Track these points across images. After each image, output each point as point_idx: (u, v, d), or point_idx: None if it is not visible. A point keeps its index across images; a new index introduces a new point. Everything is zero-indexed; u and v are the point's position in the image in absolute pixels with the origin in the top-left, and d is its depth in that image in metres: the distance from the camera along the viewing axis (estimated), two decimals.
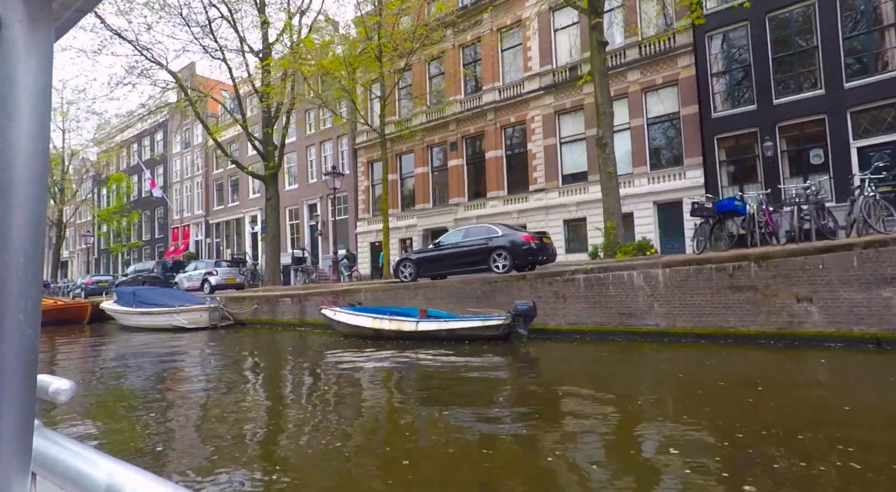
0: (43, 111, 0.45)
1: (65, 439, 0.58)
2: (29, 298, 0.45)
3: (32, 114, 0.44)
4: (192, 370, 8.99)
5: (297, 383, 7.63)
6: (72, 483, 0.53)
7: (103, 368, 9.63)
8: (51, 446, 0.57)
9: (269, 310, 14.94)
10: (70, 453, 0.55)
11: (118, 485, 0.48)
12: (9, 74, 0.43)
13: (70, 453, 0.55)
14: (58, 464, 0.55)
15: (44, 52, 0.45)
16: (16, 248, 0.43)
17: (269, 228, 18.15)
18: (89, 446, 0.57)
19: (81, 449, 0.56)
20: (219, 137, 34.16)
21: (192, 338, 13.78)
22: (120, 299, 15.78)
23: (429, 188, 22.90)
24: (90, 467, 0.52)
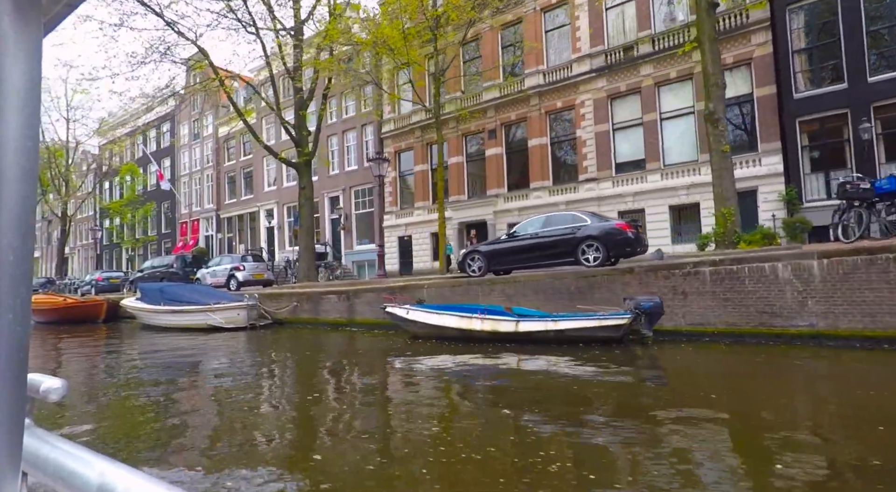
0: (32, 108, 0.44)
1: (56, 438, 0.56)
2: (18, 295, 0.44)
3: (21, 110, 0.43)
4: (241, 381, 7.66)
5: (377, 401, 6.27)
6: (63, 483, 0.51)
7: (133, 377, 8.30)
8: (42, 445, 0.55)
9: (312, 308, 13.63)
10: (61, 453, 0.53)
11: (110, 484, 0.47)
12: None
13: (61, 452, 0.53)
14: (49, 463, 0.53)
15: (32, 48, 0.44)
16: (4, 245, 0.43)
17: (303, 220, 16.82)
18: (81, 446, 0.55)
19: (73, 448, 0.54)
20: (231, 127, 32.77)
21: (230, 339, 12.45)
22: (145, 297, 14.42)
23: (464, 179, 21.60)
24: (82, 466, 0.51)
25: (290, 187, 28.66)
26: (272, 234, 29.58)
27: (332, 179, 26.59)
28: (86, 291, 24.81)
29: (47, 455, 0.54)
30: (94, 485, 0.48)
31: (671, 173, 15.98)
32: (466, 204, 21.08)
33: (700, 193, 15.27)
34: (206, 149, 35.26)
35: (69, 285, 28.14)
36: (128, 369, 8.98)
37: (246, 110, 31.55)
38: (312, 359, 9.20)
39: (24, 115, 0.44)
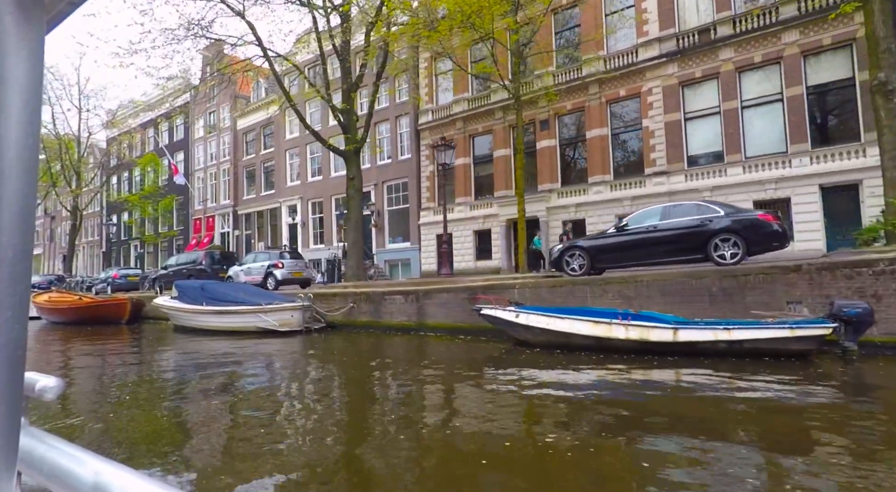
0: (33, 105, 0.44)
1: (51, 437, 0.56)
2: (17, 293, 0.44)
3: (23, 108, 0.43)
4: (321, 405, 6.25)
5: (492, 434, 4.88)
6: (58, 482, 0.51)
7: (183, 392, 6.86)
8: (37, 444, 0.55)
9: (372, 310, 12.21)
10: (57, 452, 0.53)
11: (105, 483, 0.47)
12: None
13: (57, 451, 0.53)
14: (44, 462, 0.53)
15: (35, 46, 0.44)
16: (4, 242, 0.43)
17: (352, 213, 15.39)
18: (76, 445, 0.54)
19: (68, 447, 0.54)
20: (248, 119, 31.33)
21: (284, 344, 11.03)
22: (183, 295, 12.98)
23: (511, 173, 20.21)
24: (77, 465, 0.51)
25: (316, 182, 27.30)
26: (295, 231, 28.15)
27: (363, 173, 25.14)
28: (101, 290, 23.34)
29: (42, 454, 0.53)
30: (89, 484, 0.47)
31: (755, 166, 14.65)
32: (514, 200, 19.63)
33: (791, 187, 13.96)
34: (222, 142, 33.81)
35: (81, 283, 26.64)
36: (176, 384, 7.55)
37: (272, 100, 30.24)
38: (388, 370, 7.77)
39: (26, 113, 0.43)
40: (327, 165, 26.79)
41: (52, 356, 11.12)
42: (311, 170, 27.77)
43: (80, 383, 7.74)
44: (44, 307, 18.30)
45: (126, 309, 16.42)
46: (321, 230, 27.07)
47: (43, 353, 11.74)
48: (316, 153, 27.56)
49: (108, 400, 6.42)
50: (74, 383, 7.73)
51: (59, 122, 30.48)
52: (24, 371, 0.49)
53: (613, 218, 17.26)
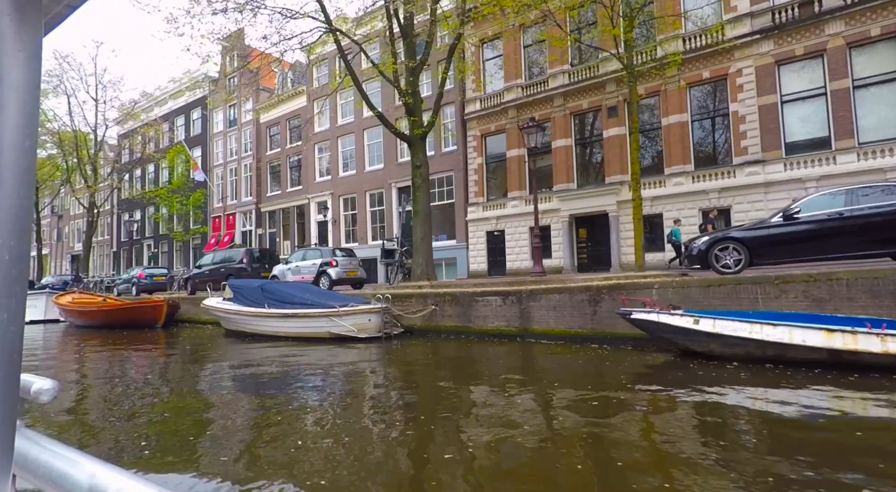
0: (31, 107, 0.44)
1: (46, 439, 0.55)
2: (13, 295, 0.44)
3: (21, 110, 0.43)
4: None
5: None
6: (53, 484, 0.51)
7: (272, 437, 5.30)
8: (32, 446, 0.54)
9: (460, 313, 10.64)
10: (52, 454, 0.53)
11: (101, 486, 0.47)
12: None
13: (52, 453, 0.53)
14: (39, 465, 0.52)
15: (32, 48, 0.44)
16: (0, 244, 0.43)
17: (420, 205, 13.81)
18: (71, 447, 0.54)
19: (63, 450, 0.53)
20: (272, 112, 29.72)
21: (363, 354, 9.47)
22: (240, 297, 11.39)
23: (572, 165, 18.68)
24: (72, 467, 0.50)
25: (348, 177, 25.76)
26: (324, 228, 26.56)
27: (400, 167, 23.61)
28: (123, 290, 21.76)
29: (38, 457, 0.52)
30: (84, 486, 0.47)
31: (871, 153, 13.12)
32: (578, 194, 18.14)
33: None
34: (244, 136, 32.24)
35: (100, 283, 25.04)
36: (254, 410, 5.97)
37: (298, 91, 28.70)
38: (511, 391, 6.18)
39: (23, 115, 0.43)
40: (361, 159, 25.23)
41: (83, 367, 9.54)
42: (343, 164, 26.21)
43: (125, 404, 6.16)
44: (68, 309, 16.72)
45: (162, 311, 14.86)
46: (353, 228, 25.50)
47: (70, 362, 10.16)
48: (348, 147, 26.02)
49: (179, 433, 4.85)
50: (116, 404, 6.15)
51: (74, 114, 28.91)
52: (21, 373, 0.48)
53: (696, 212, 15.75)
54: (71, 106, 28.09)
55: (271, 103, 30.22)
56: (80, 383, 7.99)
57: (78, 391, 7.30)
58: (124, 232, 42.74)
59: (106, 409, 6.15)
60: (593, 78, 17.95)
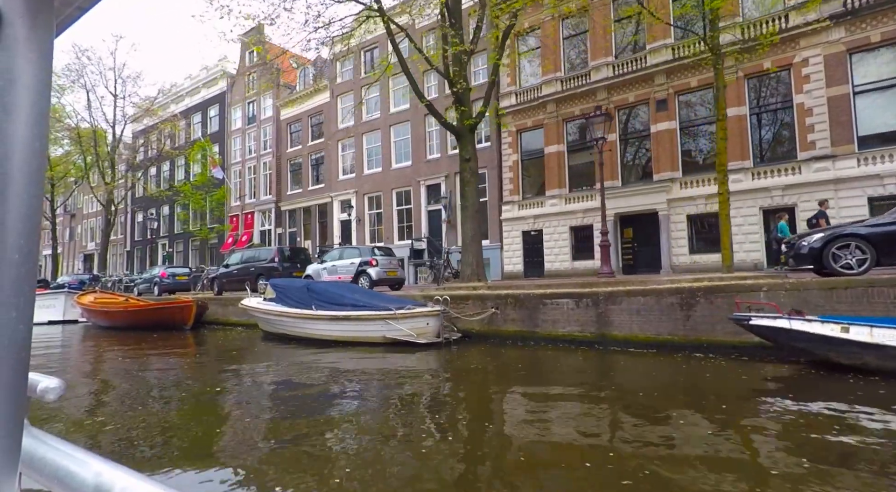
0: (42, 108, 0.45)
1: (52, 438, 0.56)
2: (22, 294, 0.45)
3: (31, 110, 0.44)
4: None
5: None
6: (59, 483, 0.51)
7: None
8: (38, 445, 0.55)
9: (525, 317, 9.75)
10: (58, 453, 0.53)
11: (106, 484, 0.47)
12: (8, 70, 0.43)
13: (58, 452, 0.53)
14: (45, 463, 0.53)
15: (44, 49, 0.45)
16: (10, 243, 0.43)
17: (469, 200, 12.93)
18: (77, 446, 0.54)
19: (69, 448, 0.54)
20: (293, 108, 28.93)
21: (422, 361, 8.62)
22: (285, 297, 10.55)
23: (617, 161, 17.77)
24: (78, 466, 0.51)
25: (373, 175, 24.95)
26: (348, 228, 25.76)
27: (430, 165, 22.80)
28: (144, 290, 21.01)
29: (44, 455, 0.53)
30: (90, 485, 0.47)
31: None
32: (622, 192, 17.23)
33: None
34: (263, 133, 31.54)
35: (118, 283, 24.33)
36: (313, 430, 5.11)
37: (321, 87, 27.97)
38: (628, 415, 5.30)
39: (34, 115, 0.44)
40: (387, 156, 24.43)
41: (113, 372, 8.72)
42: (368, 161, 25.41)
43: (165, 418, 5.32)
44: (91, 309, 15.97)
45: (191, 312, 14.07)
46: (379, 227, 24.68)
47: (98, 365, 9.34)
48: (373, 143, 25.22)
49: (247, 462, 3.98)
50: (156, 413, 5.31)
51: (93, 109, 28.29)
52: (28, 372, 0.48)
53: (757, 211, 14.81)
54: (90, 101, 27.48)
55: (292, 100, 29.51)
56: (112, 391, 7.16)
57: (111, 399, 6.48)
58: (138, 231, 42.23)
59: (143, 418, 5.31)
60: (641, 70, 17.05)
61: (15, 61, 0.43)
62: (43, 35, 0.44)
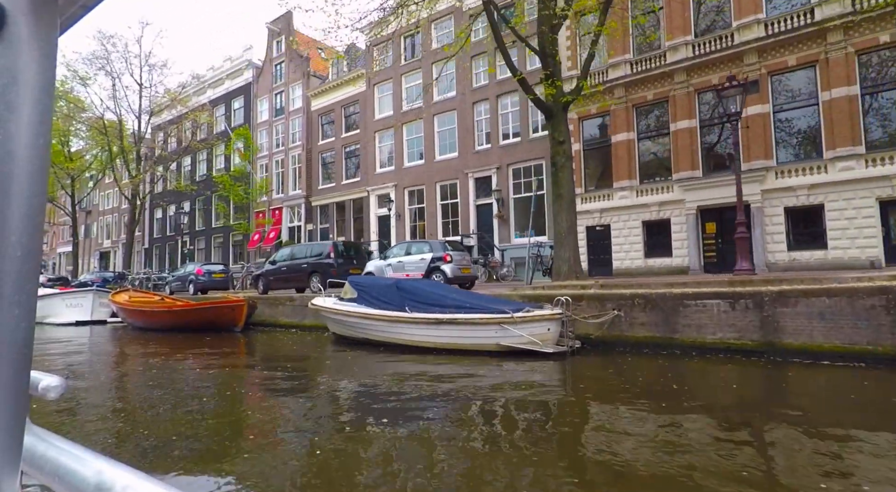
0: (45, 106, 0.45)
1: (53, 436, 0.55)
2: (25, 291, 0.45)
3: (34, 108, 0.44)
4: None
5: None
6: (60, 481, 0.51)
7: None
8: (39, 443, 0.54)
9: (658, 320, 8.26)
10: (59, 451, 0.53)
11: (107, 483, 0.47)
12: (12, 68, 0.43)
13: (59, 450, 0.53)
14: (47, 461, 0.52)
15: (48, 47, 0.45)
16: (13, 240, 0.43)
17: (563, 188, 11.42)
18: (78, 444, 0.54)
19: (70, 447, 0.53)
20: (324, 98, 27.48)
21: (544, 373, 7.18)
22: (367, 296, 9.09)
23: (697, 150, 16.22)
24: (80, 464, 0.50)
25: (415, 167, 23.51)
26: (386, 224, 24.33)
27: (478, 156, 21.33)
28: (177, 288, 19.66)
29: (44, 453, 0.53)
30: (91, 483, 0.47)
31: None
32: (705, 182, 15.69)
33: None
34: (292, 126, 30.18)
35: (147, 280, 23.02)
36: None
37: (353, 75, 26.57)
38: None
39: (37, 113, 0.44)
40: (430, 147, 22.97)
41: (173, 385, 7.30)
42: (409, 153, 23.97)
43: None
44: (127, 308, 14.60)
45: (242, 313, 12.70)
46: (420, 222, 23.23)
47: (153, 378, 7.92)
48: (414, 134, 23.79)
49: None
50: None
51: (118, 99, 27.02)
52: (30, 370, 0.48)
53: (873, 202, 13.23)
54: (116, 90, 26.23)
55: (324, 90, 28.13)
56: (199, 422, 5.74)
57: (179, 415, 5.05)
58: (157, 227, 41.00)
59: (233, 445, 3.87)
60: (727, 48, 15.51)
61: (19, 59, 0.42)
62: (47, 33, 0.44)
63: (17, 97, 0.43)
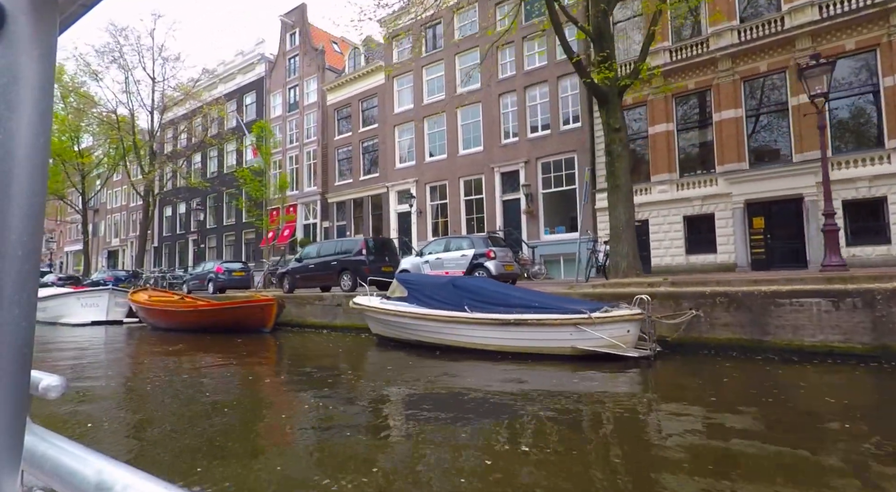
0: (45, 105, 0.45)
1: (54, 435, 0.56)
2: (25, 290, 0.45)
3: (34, 107, 0.44)
4: None
5: None
6: (61, 480, 0.51)
7: None
8: (39, 442, 0.54)
9: (745, 321, 7.50)
10: (60, 450, 0.53)
11: (108, 482, 0.47)
12: (12, 67, 0.43)
13: (59, 449, 0.53)
14: (47, 461, 0.53)
15: (47, 46, 0.45)
16: (13, 239, 0.44)
17: (620, 179, 10.65)
18: (79, 444, 0.54)
19: (71, 446, 0.54)
20: (340, 92, 26.67)
21: (628, 381, 6.42)
22: (419, 294, 8.34)
23: (743, 141, 15.42)
24: (79, 463, 0.50)
25: (437, 162, 22.75)
26: (406, 220, 23.59)
27: (505, 150, 20.55)
28: (195, 287, 18.96)
29: (45, 452, 0.53)
30: (91, 483, 0.47)
31: None
32: (753, 175, 14.90)
33: None
34: (307, 121, 29.48)
35: (162, 279, 22.34)
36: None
37: (370, 68, 25.82)
38: None
39: (37, 113, 0.44)
40: (453, 141, 22.21)
41: (217, 393, 6.58)
42: (431, 147, 23.21)
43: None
44: (148, 308, 13.90)
45: (272, 313, 11.98)
46: (442, 219, 22.48)
47: (190, 386, 7.19)
48: (436, 128, 23.02)
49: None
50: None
51: (130, 94, 26.33)
52: (31, 369, 0.48)
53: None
54: (128, 83, 25.55)
55: (340, 83, 27.39)
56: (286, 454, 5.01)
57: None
58: (167, 226, 40.35)
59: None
60: (777, 33, 14.70)
61: (18, 58, 0.42)
62: (46, 32, 0.44)
63: (16, 96, 0.42)
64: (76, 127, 27.91)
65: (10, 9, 0.42)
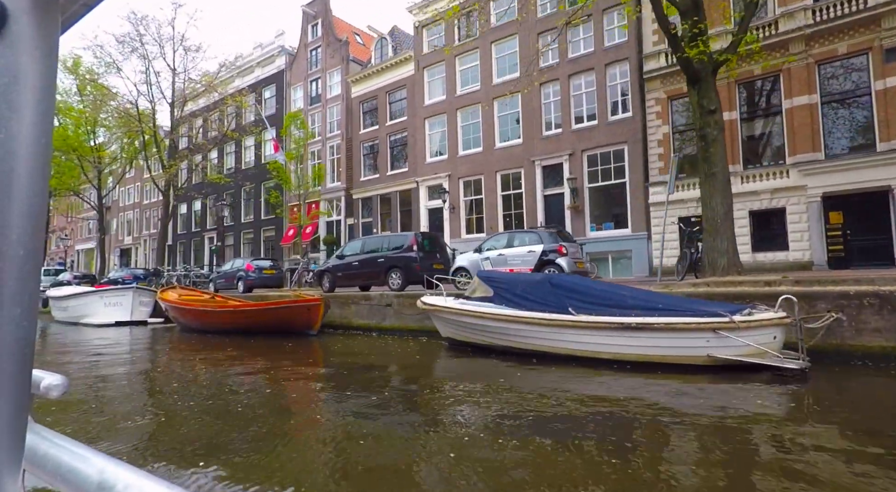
0: (47, 105, 0.45)
1: (55, 434, 0.56)
2: (27, 289, 0.45)
3: (36, 107, 0.44)
4: None
5: None
6: (62, 480, 0.51)
7: None
8: (41, 441, 0.55)
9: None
10: (61, 449, 0.53)
11: (109, 481, 0.47)
12: (13, 66, 0.43)
13: (61, 449, 0.53)
14: (48, 460, 0.52)
15: (49, 46, 0.45)
16: (14, 240, 0.44)
17: (717, 166, 9.52)
18: (80, 443, 0.54)
19: (72, 445, 0.54)
20: (365, 85, 25.53)
21: (786, 403, 5.32)
22: (507, 294, 7.27)
23: (818, 129, 14.29)
24: (81, 463, 0.50)
25: (471, 156, 21.68)
26: (438, 217, 22.54)
27: (546, 142, 19.47)
28: (222, 286, 17.99)
29: (46, 452, 0.53)
30: (93, 482, 0.47)
31: None
32: (831, 166, 13.76)
33: None
34: (330, 114, 28.47)
35: (183, 277, 21.39)
36: None
37: (398, 58, 24.80)
38: None
39: (39, 112, 0.44)
40: (489, 134, 21.13)
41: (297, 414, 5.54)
42: (464, 140, 22.14)
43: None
44: (181, 307, 12.91)
45: (319, 313, 10.95)
46: (477, 215, 21.41)
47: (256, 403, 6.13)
48: (470, 120, 21.94)
49: None
50: None
51: (147, 85, 25.42)
52: (32, 368, 0.48)
53: None
54: (148, 74, 24.63)
55: (365, 75, 26.36)
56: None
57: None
58: (181, 223, 39.45)
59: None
60: (858, 12, 13.56)
61: (20, 58, 0.42)
62: (48, 32, 0.44)
63: (18, 96, 0.42)
64: (94, 121, 27.02)
65: (12, 8, 0.41)
